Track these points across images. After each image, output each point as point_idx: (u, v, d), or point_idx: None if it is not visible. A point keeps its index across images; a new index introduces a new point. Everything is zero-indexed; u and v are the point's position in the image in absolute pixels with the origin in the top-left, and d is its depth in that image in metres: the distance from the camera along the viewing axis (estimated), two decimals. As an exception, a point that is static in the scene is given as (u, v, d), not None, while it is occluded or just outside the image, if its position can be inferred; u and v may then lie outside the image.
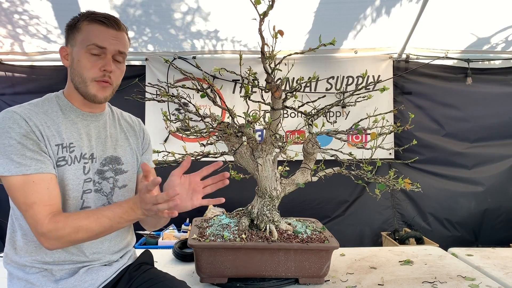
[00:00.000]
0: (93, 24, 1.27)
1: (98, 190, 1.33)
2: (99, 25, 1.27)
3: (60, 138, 1.25)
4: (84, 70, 1.26)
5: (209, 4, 3.13)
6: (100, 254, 1.34)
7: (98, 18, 1.27)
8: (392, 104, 3.79)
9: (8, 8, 3.11)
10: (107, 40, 1.27)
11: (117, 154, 1.39)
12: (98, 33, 1.26)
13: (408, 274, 1.84)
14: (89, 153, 1.31)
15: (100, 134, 1.36)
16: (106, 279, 1.34)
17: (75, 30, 1.28)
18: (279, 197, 1.80)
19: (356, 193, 3.90)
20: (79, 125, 1.31)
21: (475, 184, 3.82)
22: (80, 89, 1.29)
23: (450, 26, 3.36)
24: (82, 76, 1.27)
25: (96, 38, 1.25)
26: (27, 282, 1.26)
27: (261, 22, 1.44)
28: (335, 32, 3.20)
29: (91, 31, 1.26)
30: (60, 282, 1.26)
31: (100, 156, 1.34)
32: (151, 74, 3.72)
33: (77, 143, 1.28)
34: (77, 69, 1.27)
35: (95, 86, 1.28)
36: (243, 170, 1.89)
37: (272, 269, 1.65)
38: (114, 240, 1.39)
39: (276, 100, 1.67)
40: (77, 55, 1.27)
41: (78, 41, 1.27)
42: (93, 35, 1.26)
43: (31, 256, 1.26)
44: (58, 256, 1.27)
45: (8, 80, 3.78)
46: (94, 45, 1.25)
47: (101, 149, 1.35)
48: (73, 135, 1.28)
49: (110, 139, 1.39)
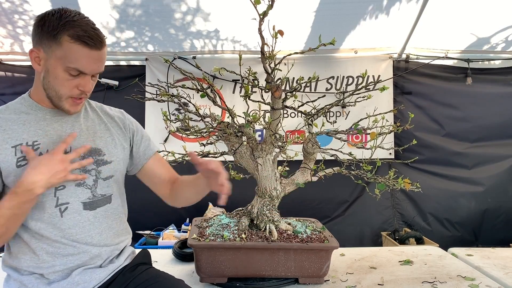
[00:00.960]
0: (76, 44, 1.19)
1: (80, 184, 1.30)
2: (83, 47, 1.20)
3: (19, 138, 1.23)
4: (61, 88, 1.23)
5: (209, 4, 3.13)
6: (89, 245, 1.31)
7: (82, 39, 1.19)
8: (392, 104, 3.79)
9: (8, 8, 3.11)
10: (89, 65, 1.22)
11: (96, 145, 1.36)
12: (81, 57, 1.20)
13: (408, 274, 1.84)
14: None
15: (74, 128, 1.33)
16: (100, 281, 1.32)
17: (53, 40, 1.19)
18: (279, 197, 1.80)
19: (356, 193, 3.90)
20: (45, 123, 1.28)
21: (475, 184, 3.82)
22: (53, 101, 1.26)
23: (450, 26, 3.36)
24: (58, 92, 1.24)
25: (78, 63, 1.20)
26: (21, 284, 1.26)
27: (261, 22, 1.44)
28: (335, 32, 3.20)
29: (73, 52, 1.19)
30: (52, 284, 1.26)
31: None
32: (151, 74, 3.72)
33: (42, 140, 1.26)
34: (52, 83, 1.23)
35: (69, 102, 1.26)
36: (243, 170, 1.89)
37: (272, 269, 1.65)
38: (106, 233, 1.36)
39: (276, 100, 1.67)
40: (54, 70, 1.21)
41: (57, 56, 1.20)
42: (75, 58, 1.19)
43: (22, 258, 1.26)
44: (46, 254, 1.26)
45: (8, 80, 3.78)
46: (75, 69, 1.21)
47: (77, 143, 1.31)
48: (38, 132, 1.26)
49: (87, 131, 1.36)
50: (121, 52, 3.66)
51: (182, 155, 1.91)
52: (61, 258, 1.27)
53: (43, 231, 1.25)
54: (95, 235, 1.33)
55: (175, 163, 1.88)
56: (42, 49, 1.22)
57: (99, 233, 1.34)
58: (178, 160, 1.90)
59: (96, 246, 1.33)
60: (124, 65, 3.90)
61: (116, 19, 3.25)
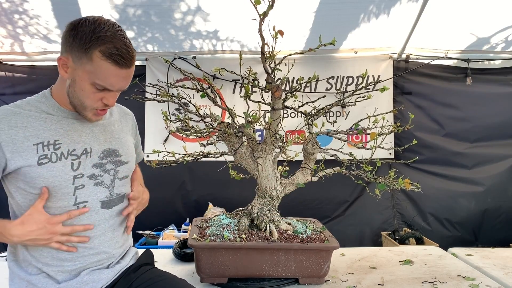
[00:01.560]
0: (107, 62, 1.18)
1: (99, 183, 1.32)
2: (113, 65, 1.19)
3: (41, 136, 1.24)
4: (86, 100, 1.24)
5: (209, 4, 3.13)
6: (95, 249, 1.33)
7: (114, 57, 1.17)
8: (392, 104, 3.78)
9: (8, 8, 3.11)
10: (117, 84, 1.23)
11: (113, 146, 1.39)
12: (110, 76, 1.20)
13: (408, 274, 1.84)
14: (81, 149, 1.30)
15: (94, 128, 1.36)
16: (108, 281, 1.34)
17: (84, 54, 1.18)
18: (279, 197, 1.80)
19: (356, 193, 3.90)
20: (66, 122, 1.30)
21: (475, 184, 3.82)
22: (76, 108, 1.28)
23: (450, 26, 3.36)
24: (83, 103, 1.25)
25: (106, 81, 1.20)
26: (28, 283, 1.26)
27: (261, 22, 1.44)
28: (335, 32, 3.20)
29: (103, 70, 1.18)
30: (61, 284, 1.27)
31: (97, 150, 1.33)
32: (151, 74, 3.72)
33: (63, 140, 1.27)
34: (77, 94, 1.23)
35: (93, 112, 1.28)
36: (243, 170, 1.89)
37: (272, 269, 1.65)
38: (117, 230, 1.39)
39: (276, 100, 1.67)
40: (81, 82, 1.21)
41: (85, 69, 1.19)
42: (103, 76, 1.19)
43: (31, 257, 1.27)
44: (57, 254, 1.27)
45: (8, 80, 3.78)
46: (102, 86, 1.21)
47: (96, 144, 1.34)
48: (59, 132, 1.27)
49: (104, 132, 1.38)
50: (121, 52, 3.66)
51: (182, 155, 1.91)
52: (70, 258, 1.28)
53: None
54: (108, 232, 1.36)
55: (175, 163, 1.88)
56: (71, 59, 1.21)
57: (112, 231, 1.37)
58: (179, 161, 1.90)
59: (108, 246, 1.36)
60: (124, 65, 3.90)
61: (116, 19, 3.24)
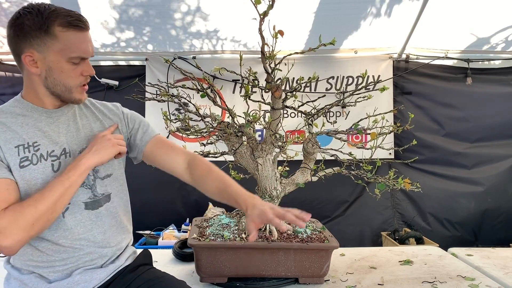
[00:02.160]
0: (70, 31, 1.19)
1: (81, 184, 1.28)
2: (77, 32, 1.20)
3: (20, 139, 1.22)
4: (69, 80, 1.23)
5: (209, 4, 3.13)
6: (87, 242, 1.31)
7: (74, 23, 1.19)
8: (392, 104, 3.79)
9: (8, 8, 3.11)
10: (87, 48, 1.23)
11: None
12: (79, 43, 1.21)
13: (408, 274, 1.84)
14: (60, 149, 1.28)
15: (70, 127, 1.33)
16: (101, 281, 1.32)
17: (46, 36, 1.17)
18: (279, 196, 1.80)
19: (356, 193, 3.90)
20: (43, 123, 1.28)
21: (475, 184, 3.82)
22: (62, 96, 1.26)
23: (450, 26, 3.36)
24: (67, 85, 1.24)
25: (80, 50, 1.21)
26: (21, 283, 1.26)
27: (261, 22, 1.44)
28: (335, 32, 3.20)
29: (71, 40, 1.19)
30: (53, 283, 1.26)
31: (75, 149, 1.31)
32: (151, 74, 3.72)
33: (41, 141, 1.25)
34: (58, 79, 1.22)
35: (78, 91, 1.27)
36: (243, 170, 1.89)
37: (272, 268, 1.65)
38: (109, 232, 1.36)
39: (276, 100, 1.67)
40: (58, 65, 1.20)
41: (55, 50, 1.19)
42: (75, 46, 1.20)
43: (22, 257, 1.26)
44: (47, 255, 1.26)
45: (8, 80, 3.78)
46: (77, 57, 1.21)
47: (74, 143, 1.31)
48: (37, 133, 1.25)
49: (83, 130, 1.35)
50: (121, 52, 3.66)
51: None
52: (61, 259, 1.27)
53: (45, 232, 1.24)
54: (98, 234, 1.33)
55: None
56: (35, 51, 1.19)
57: (102, 232, 1.34)
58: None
59: (99, 246, 1.33)
60: (124, 65, 3.90)
61: (116, 19, 3.25)
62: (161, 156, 1.48)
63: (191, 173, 1.44)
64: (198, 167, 1.44)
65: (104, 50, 3.62)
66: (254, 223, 1.20)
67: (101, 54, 3.67)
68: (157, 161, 1.48)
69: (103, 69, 3.79)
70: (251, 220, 1.20)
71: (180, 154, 1.48)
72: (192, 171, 1.44)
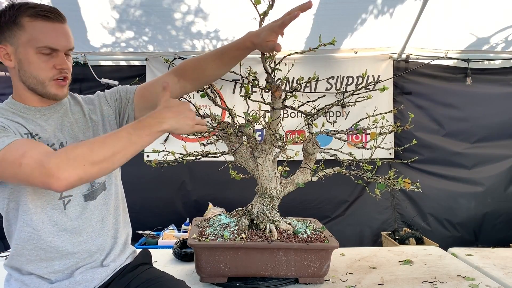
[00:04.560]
0: (37, 21, 1.18)
1: None
2: (45, 22, 1.19)
3: (26, 129, 1.23)
4: (39, 72, 1.22)
5: (209, 4, 3.13)
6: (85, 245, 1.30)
7: (41, 13, 1.18)
8: (392, 104, 3.79)
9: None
10: (58, 40, 1.21)
11: (87, 137, 1.35)
12: (47, 32, 1.19)
13: (408, 274, 1.84)
14: (58, 143, 1.28)
15: (64, 122, 1.33)
16: (102, 281, 1.33)
17: (14, 27, 1.18)
18: (279, 196, 1.80)
19: (356, 193, 3.90)
20: (39, 120, 1.28)
21: (475, 184, 3.82)
22: (37, 90, 1.25)
23: (450, 26, 3.36)
24: (38, 77, 1.22)
25: (47, 39, 1.19)
26: (22, 283, 1.26)
27: (261, 22, 1.44)
28: (335, 32, 3.20)
29: (38, 30, 1.18)
30: (54, 284, 1.26)
31: (72, 143, 1.31)
32: (151, 74, 3.72)
33: (42, 135, 1.26)
34: (28, 71, 1.22)
35: (53, 85, 1.25)
36: (243, 170, 1.89)
37: (272, 268, 1.65)
38: (106, 219, 1.36)
39: (276, 100, 1.67)
40: (26, 56, 1.20)
41: (23, 41, 1.18)
42: (42, 36, 1.18)
43: (22, 258, 1.26)
44: (45, 254, 1.25)
45: (8, 80, 3.72)
46: (46, 47, 1.19)
47: (70, 137, 1.32)
48: (37, 127, 1.26)
49: (77, 124, 1.36)
50: (121, 52, 3.66)
51: (182, 155, 1.91)
52: (59, 258, 1.27)
53: (43, 226, 1.24)
54: (96, 223, 1.34)
55: (175, 162, 1.88)
56: (8, 43, 1.20)
57: (100, 221, 1.35)
58: (179, 160, 1.90)
59: (98, 235, 1.33)
60: (124, 65, 3.90)
61: (116, 19, 3.25)
62: (151, 90, 1.43)
63: (185, 75, 1.40)
64: (186, 66, 1.41)
65: (104, 50, 3.62)
66: (273, 35, 1.22)
67: (101, 54, 3.68)
68: (151, 97, 1.40)
69: (103, 69, 3.78)
70: (267, 36, 1.22)
71: (166, 75, 1.44)
72: (183, 73, 1.41)
